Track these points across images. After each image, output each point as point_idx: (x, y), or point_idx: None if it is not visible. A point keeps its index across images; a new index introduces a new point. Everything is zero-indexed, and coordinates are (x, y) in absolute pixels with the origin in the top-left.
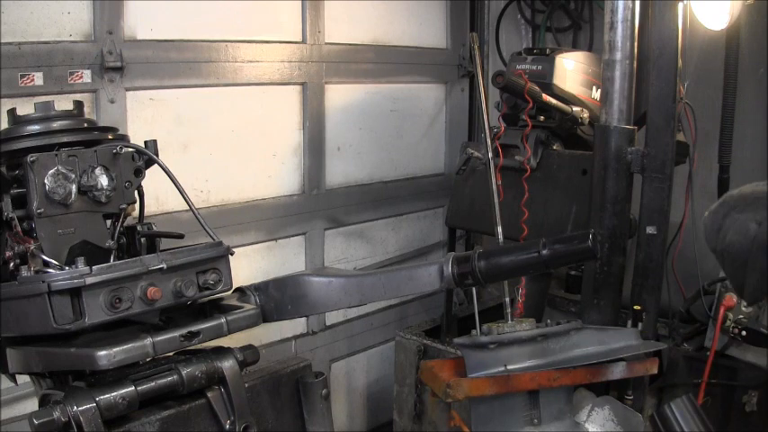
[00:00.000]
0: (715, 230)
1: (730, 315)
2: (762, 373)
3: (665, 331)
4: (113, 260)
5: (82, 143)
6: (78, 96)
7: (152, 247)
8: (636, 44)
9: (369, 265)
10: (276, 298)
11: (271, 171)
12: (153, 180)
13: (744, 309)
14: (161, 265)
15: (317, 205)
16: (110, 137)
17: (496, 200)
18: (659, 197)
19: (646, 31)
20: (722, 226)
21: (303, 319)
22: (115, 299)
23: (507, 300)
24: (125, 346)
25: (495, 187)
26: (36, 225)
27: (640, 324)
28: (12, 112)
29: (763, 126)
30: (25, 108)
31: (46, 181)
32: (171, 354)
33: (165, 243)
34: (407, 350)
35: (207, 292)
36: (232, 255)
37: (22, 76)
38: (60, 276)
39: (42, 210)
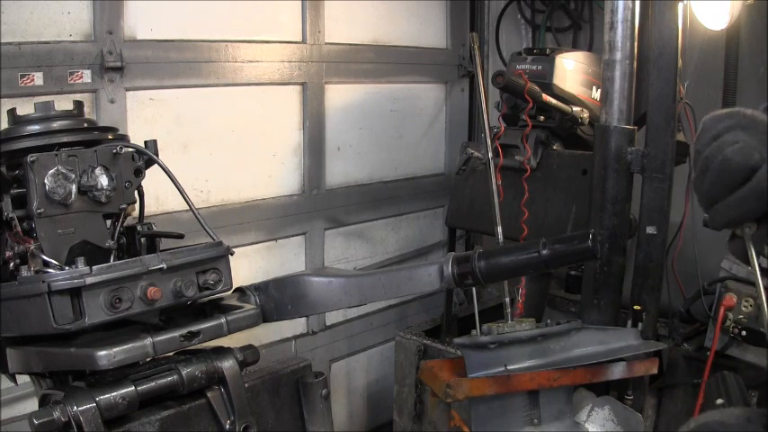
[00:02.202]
0: (711, 137)
1: (730, 315)
2: (762, 373)
3: (665, 331)
4: (113, 260)
5: (82, 143)
6: (78, 96)
7: (152, 247)
8: (636, 44)
9: (369, 265)
10: (276, 298)
11: (271, 171)
12: (153, 180)
13: (744, 309)
14: (161, 265)
15: (316, 205)
16: (110, 137)
17: (496, 200)
18: (659, 197)
19: (646, 31)
20: (721, 135)
21: (303, 319)
22: (115, 299)
23: (507, 300)
24: (125, 346)
25: (495, 187)
26: (36, 225)
27: (640, 324)
28: (12, 112)
29: None
30: (25, 108)
31: (46, 181)
32: (171, 354)
33: (165, 243)
34: (407, 350)
35: (207, 292)
36: (232, 255)
37: (22, 76)
38: (60, 276)
39: (42, 210)
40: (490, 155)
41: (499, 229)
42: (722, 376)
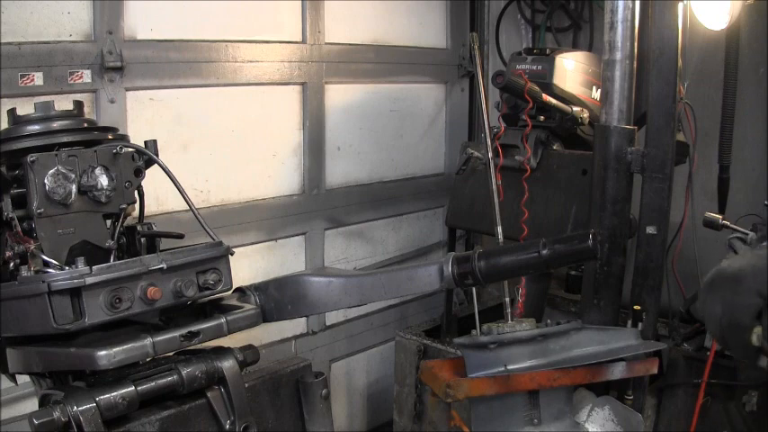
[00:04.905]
0: (702, 300)
1: None
2: (762, 373)
3: (665, 331)
4: (113, 260)
5: (82, 143)
6: (78, 96)
7: (152, 247)
8: (636, 44)
9: (369, 265)
10: (276, 298)
11: (271, 171)
12: (153, 180)
13: None
14: (161, 265)
15: (316, 205)
16: (110, 137)
17: (496, 200)
18: (659, 197)
19: (646, 31)
20: (705, 299)
21: (303, 319)
22: (115, 299)
23: (507, 300)
24: (125, 346)
25: (495, 187)
26: (36, 225)
27: (640, 324)
28: (12, 112)
29: (763, 126)
30: (25, 108)
31: (46, 181)
32: (171, 354)
33: (165, 243)
34: (407, 350)
35: (207, 292)
36: (232, 255)
37: (22, 76)
38: (60, 276)
39: (42, 210)
40: (490, 155)
41: (499, 229)
42: None
